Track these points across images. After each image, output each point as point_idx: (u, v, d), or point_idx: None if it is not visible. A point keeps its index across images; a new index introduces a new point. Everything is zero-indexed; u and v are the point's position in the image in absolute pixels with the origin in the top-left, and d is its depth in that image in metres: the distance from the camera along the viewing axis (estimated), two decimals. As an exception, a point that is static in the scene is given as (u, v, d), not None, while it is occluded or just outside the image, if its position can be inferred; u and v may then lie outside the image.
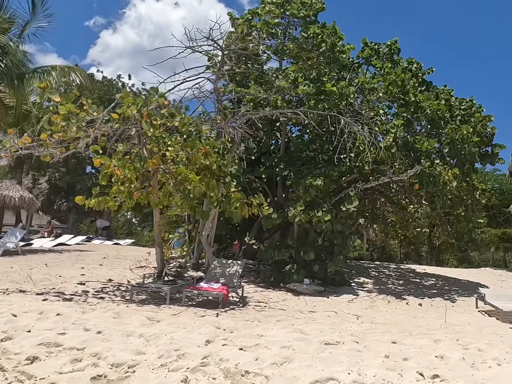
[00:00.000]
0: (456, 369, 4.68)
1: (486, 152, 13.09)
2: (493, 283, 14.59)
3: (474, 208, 13.82)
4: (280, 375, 4.20)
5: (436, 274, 15.97)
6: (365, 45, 14.47)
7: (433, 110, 11.86)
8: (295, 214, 10.91)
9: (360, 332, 6.22)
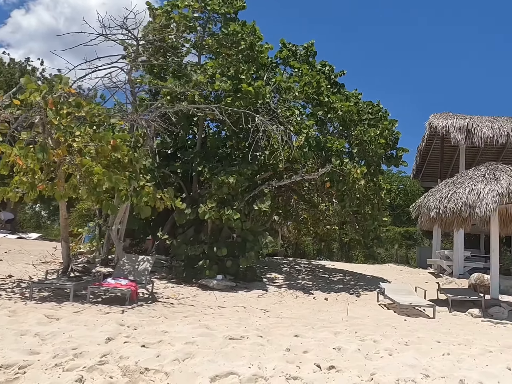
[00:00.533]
0: (351, 360, 4.93)
1: (391, 154, 13.88)
2: (395, 278, 15.49)
3: (379, 207, 14.62)
4: (180, 371, 4.19)
5: (344, 269, 16.68)
6: (283, 45, 14.79)
7: (344, 112, 12.39)
8: (205, 211, 10.91)
9: (265, 326, 6.36)
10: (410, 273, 17.27)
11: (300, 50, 14.58)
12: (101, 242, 12.48)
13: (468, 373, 4.73)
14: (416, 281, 14.78)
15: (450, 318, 8.96)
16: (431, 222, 10.84)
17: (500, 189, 9.28)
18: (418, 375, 4.56)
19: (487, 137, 15.65)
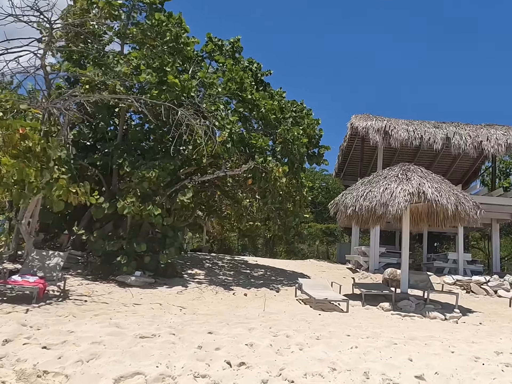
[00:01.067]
0: (262, 355, 4.96)
1: (313, 152, 14.22)
2: (314, 273, 15.90)
3: (301, 204, 14.93)
4: (82, 373, 4.00)
5: (266, 265, 16.89)
6: (209, 39, 14.63)
7: (268, 109, 12.49)
8: (124, 206, 10.57)
9: (179, 324, 6.26)
10: (329, 269, 17.81)
11: (226, 45, 14.50)
12: (10, 237, 11.72)
13: (373, 365, 4.92)
14: (334, 276, 15.28)
15: (362, 311, 9.31)
16: (348, 219, 11.22)
17: (411, 189, 9.77)
18: (325, 368, 4.67)
19: (403, 139, 16.47)
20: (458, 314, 9.67)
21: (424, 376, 4.71)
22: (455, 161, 21.63)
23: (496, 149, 16.29)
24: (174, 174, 12.02)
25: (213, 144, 11.32)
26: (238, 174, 12.67)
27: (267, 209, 15.39)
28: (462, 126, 17.17)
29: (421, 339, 6.49)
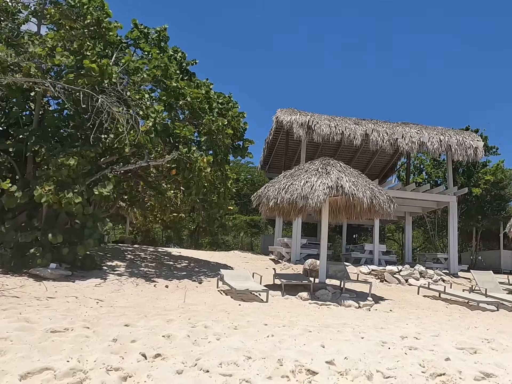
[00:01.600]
0: (178, 346, 4.96)
1: (238, 145, 14.30)
2: (238, 264, 16.06)
3: (226, 196, 15.01)
4: (-15, 371, 3.79)
5: (189, 256, 16.82)
6: (135, 26, 14.21)
7: (193, 99, 12.38)
8: (41, 194, 10.08)
9: (95, 317, 6.10)
10: (252, 260, 18.06)
11: (152, 33, 14.17)
12: None
13: (287, 352, 5.08)
14: (257, 267, 15.53)
15: (282, 301, 9.55)
16: (271, 211, 11.44)
17: (330, 183, 10.13)
18: (241, 357, 4.76)
19: (325, 134, 17.00)
20: (371, 302, 10.21)
21: (334, 361, 4.94)
22: (373, 157, 22.69)
23: (410, 146, 17.26)
24: (94, 163, 11.63)
25: (136, 133, 11.06)
26: (161, 165, 12.49)
27: (191, 201, 15.31)
28: (380, 124, 18.00)
29: (335, 327, 6.79)
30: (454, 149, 17.48)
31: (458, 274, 17.70)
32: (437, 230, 26.55)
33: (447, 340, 6.46)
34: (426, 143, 17.34)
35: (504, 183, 23.48)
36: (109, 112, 10.67)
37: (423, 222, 28.01)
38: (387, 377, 4.63)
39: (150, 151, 12.39)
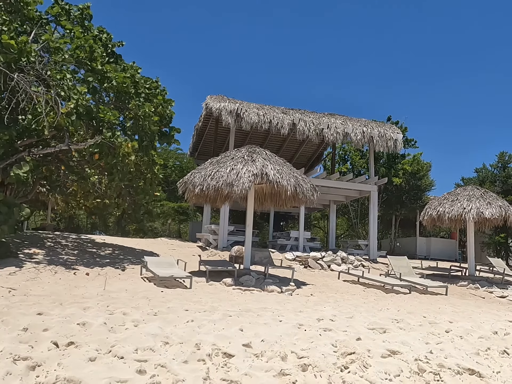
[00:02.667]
0: (94, 334, 4.87)
1: (165, 132, 14.05)
2: (164, 251, 15.89)
3: (152, 182, 14.76)
4: None
5: (114, 244, 16.41)
6: (55, 1, 13.49)
7: (119, 83, 12.01)
8: (-50, 177, 9.42)
9: (5, 306, 5.83)
10: (180, 247, 17.94)
11: (74, 10, 13.51)
12: None
13: (205, 337, 5.14)
14: (184, 254, 15.45)
15: (206, 287, 9.60)
16: (197, 198, 11.41)
17: (255, 170, 10.26)
18: (158, 343, 4.77)
19: (253, 122, 17.12)
20: (293, 287, 10.51)
21: (251, 343, 5.08)
22: (300, 146, 23.19)
23: (335, 136, 17.80)
24: (9, 145, 10.99)
25: (56, 115, 10.57)
26: (84, 149, 12.03)
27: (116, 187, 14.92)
28: (307, 114, 18.40)
29: (255, 311, 6.94)
30: (375, 140, 18.25)
31: (377, 259, 18.61)
32: (360, 218, 27.69)
33: (360, 322, 6.81)
34: (350, 134, 17.97)
35: (420, 174, 24.88)
36: (27, 91, 10.12)
37: (347, 210, 29.10)
38: (300, 357, 4.83)
39: (71, 134, 11.92)
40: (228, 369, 4.32)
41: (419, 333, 6.43)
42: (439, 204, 14.59)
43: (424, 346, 5.73)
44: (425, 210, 15.04)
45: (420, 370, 4.87)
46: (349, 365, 4.78)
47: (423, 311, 8.38)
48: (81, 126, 11.41)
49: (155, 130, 12.88)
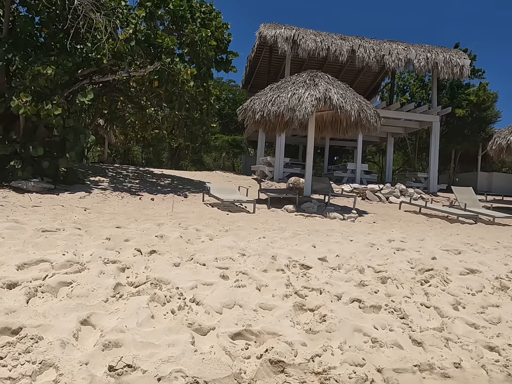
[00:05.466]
0: (173, 245, 4.97)
1: (221, 58, 13.76)
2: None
3: (208, 112, 14.67)
4: (-20, 262, 3.73)
5: (172, 175, 16.72)
6: None
7: (175, 6, 11.70)
8: (19, 105, 9.64)
9: (85, 220, 6.04)
10: (235, 179, 18.07)
11: None
12: None
13: (280, 250, 5.15)
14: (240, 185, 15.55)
15: (268, 213, 9.65)
16: (256, 125, 11.24)
17: (318, 94, 9.92)
18: (235, 254, 4.81)
19: (310, 49, 16.47)
20: (355, 214, 10.40)
21: (327, 258, 5.05)
22: (358, 76, 22.27)
23: (396, 63, 16.91)
24: (72, 74, 11.08)
25: (115, 41, 10.50)
26: (142, 77, 12.00)
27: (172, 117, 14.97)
28: (367, 40, 17.49)
29: (323, 232, 6.90)
30: (440, 67, 17.22)
31: (437, 193, 18.11)
32: (417, 153, 26.81)
33: (432, 244, 6.65)
34: (412, 60, 17.00)
35: (486, 104, 23.47)
36: (86, 17, 10.04)
37: (403, 145, 28.20)
38: (378, 271, 4.76)
39: (130, 63, 11.85)
40: (308, 278, 4.32)
41: (495, 255, 6.21)
42: (509, 132, 13.77)
43: (504, 267, 5.53)
44: (493, 140, 14.27)
45: (503, 287, 4.70)
46: (429, 279, 4.67)
47: (495, 238, 8.09)
48: (140, 53, 11.29)
49: (212, 55, 12.61)
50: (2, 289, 3.24)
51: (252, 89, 23.81)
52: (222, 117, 25.18)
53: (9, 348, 2.50)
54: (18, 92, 10.01)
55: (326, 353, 2.92)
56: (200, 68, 12.58)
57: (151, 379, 2.40)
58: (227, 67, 13.85)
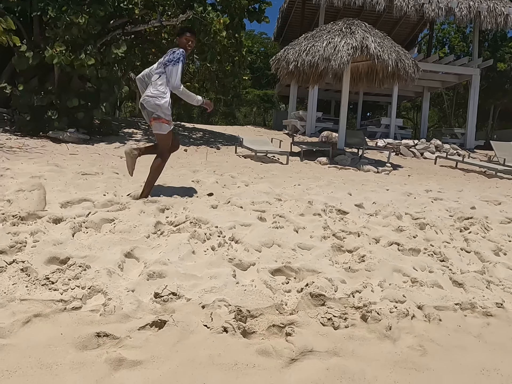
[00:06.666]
0: (209, 189, 5.01)
1: (254, 8, 13.39)
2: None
3: (240, 64, 14.44)
4: (26, 198, 3.84)
5: (203, 129, 16.71)
6: None
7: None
8: (53, 55, 9.68)
9: (122, 166, 6.12)
10: (266, 133, 17.91)
11: None
12: None
13: (316, 197, 5.13)
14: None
15: (301, 164, 9.60)
16: (289, 77, 11.03)
17: (355, 43, 9.61)
18: (272, 198, 4.82)
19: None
20: (390, 168, 10.23)
21: (363, 205, 5.00)
22: (395, 27, 21.41)
23: (436, 12, 16.13)
24: (104, 23, 11.01)
25: (147, -11, 10.33)
26: (174, 27, 11.83)
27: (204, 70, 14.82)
28: (406, -13, 16.68)
29: (358, 181, 6.84)
30: (483, 16, 16.34)
31: (474, 149, 17.60)
32: (454, 109, 25.95)
33: (470, 195, 6.52)
34: (453, 9, 16.17)
35: (531, 58, 22.36)
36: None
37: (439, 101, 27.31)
38: (416, 218, 4.70)
39: (162, 13, 11.67)
40: (345, 223, 4.30)
41: (538, 207, 6.03)
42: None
43: (547, 218, 5.38)
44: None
45: (547, 237, 4.58)
46: (468, 227, 4.59)
47: (537, 192, 7.85)
48: (172, 1, 11.10)
49: (245, 4, 12.29)
50: (49, 223, 3.34)
51: (284, 42, 23.18)
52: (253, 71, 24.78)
53: (59, 274, 2.59)
54: (52, 42, 10.04)
55: (366, 290, 2.92)
56: (232, 18, 12.31)
57: (195, 306, 2.45)
58: (260, 17, 13.49)
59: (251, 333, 2.30)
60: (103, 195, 4.21)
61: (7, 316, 2.15)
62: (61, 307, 2.28)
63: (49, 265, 2.75)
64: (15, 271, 2.57)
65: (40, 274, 2.59)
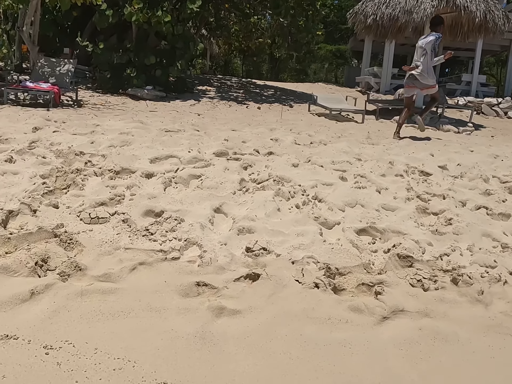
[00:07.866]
0: (288, 147, 5.03)
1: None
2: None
3: (314, 19, 14.02)
4: (118, 154, 4.06)
5: (275, 86, 16.55)
6: None
7: None
8: (131, 13, 9.86)
9: (201, 123, 6.27)
10: (338, 91, 17.44)
11: None
12: (12, 49, 11.21)
13: (397, 157, 5.02)
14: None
15: (377, 123, 9.34)
16: (367, 31, 10.62)
17: (439, -6, 9.02)
18: (351, 158, 4.77)
19: None
20: (471, 128, 9.72)
21: (447, 166, 4.84)
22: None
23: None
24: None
25: None
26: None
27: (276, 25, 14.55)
28: None
29: (440, 142, 6.59)
30: None
31: None
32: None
33: None
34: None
35: None
36: None
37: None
38: (504, 182, 4.49)
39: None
40: (429, 184, 4.19)
41: None
42: None
43: None
44: None
45: None
46: None
47: None
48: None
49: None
50: (142, 178, 3.53)
51: (360, -6, 22.24)
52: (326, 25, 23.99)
53: (157, 226, 2.75)
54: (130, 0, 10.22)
55: (454, 253, 2.88)
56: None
57: (285, 261, 2.53)
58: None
59: (341, 290, 2.36)
60: (188, 152, 4.34)
61: (115, 263, 2.33)
62: (161, 257, 2.44)
63: (145, 217, 2.93)
64: (117, 222, 2.76)
65: (138, 225, 2.77)
